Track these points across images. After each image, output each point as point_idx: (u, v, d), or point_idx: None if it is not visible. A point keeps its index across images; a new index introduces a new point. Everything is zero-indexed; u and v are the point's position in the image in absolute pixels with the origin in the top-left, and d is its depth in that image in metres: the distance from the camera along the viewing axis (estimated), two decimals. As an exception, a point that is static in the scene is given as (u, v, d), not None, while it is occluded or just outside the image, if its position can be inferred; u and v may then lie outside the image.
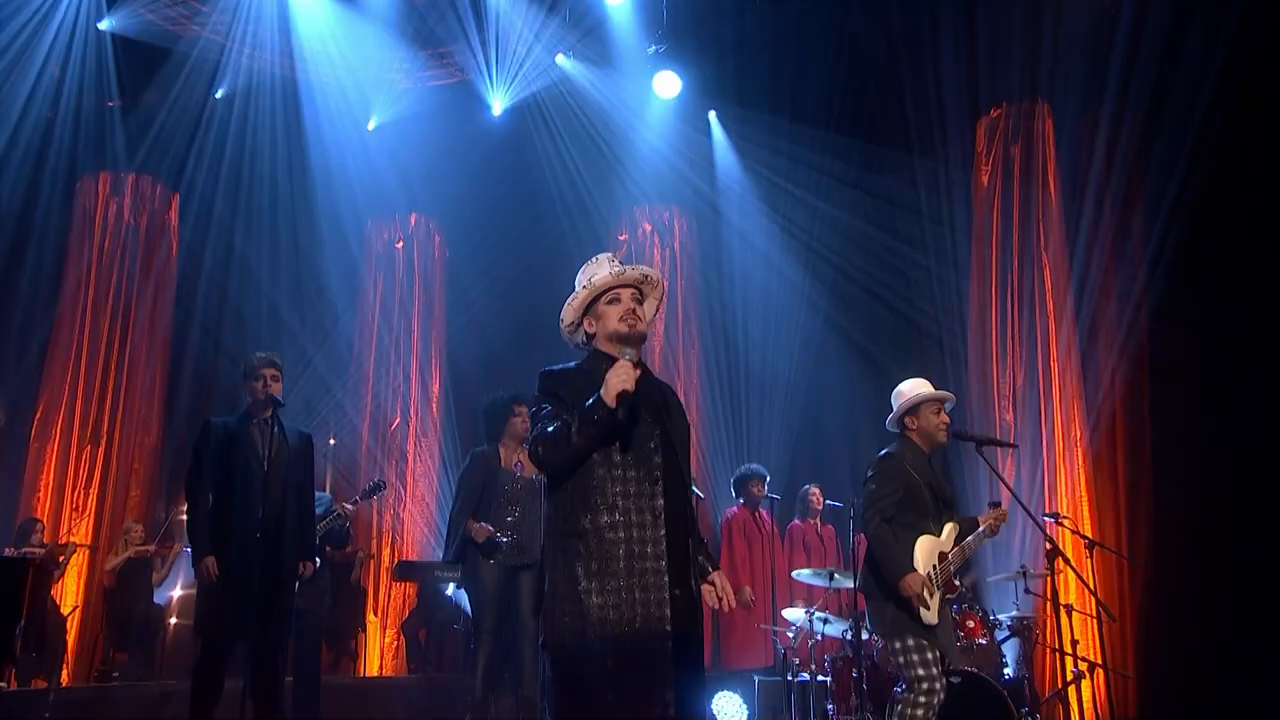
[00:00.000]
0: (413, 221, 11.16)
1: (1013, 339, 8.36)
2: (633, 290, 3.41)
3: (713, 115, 10.76)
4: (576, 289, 3.46)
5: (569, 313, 3.47)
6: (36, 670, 7.58)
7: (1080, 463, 7.89)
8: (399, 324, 10.89)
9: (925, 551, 4.68)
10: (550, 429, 3.15)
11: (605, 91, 10.28)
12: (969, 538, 4.78)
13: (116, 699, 7.59)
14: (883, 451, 5.02)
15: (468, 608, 9.35)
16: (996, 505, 4.84)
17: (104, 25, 8.83)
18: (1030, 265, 8.37)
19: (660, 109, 10.41)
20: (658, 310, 3.58)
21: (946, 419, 4.99)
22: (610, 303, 3.39)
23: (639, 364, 3.21)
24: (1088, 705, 5.67)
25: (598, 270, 3.44)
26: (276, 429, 5.28)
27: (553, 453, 3.13)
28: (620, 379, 3.07)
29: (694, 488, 3.68)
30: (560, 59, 10.07)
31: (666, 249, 10.71)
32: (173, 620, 9.45)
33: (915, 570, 4.59)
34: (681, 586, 3.15)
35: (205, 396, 10.28)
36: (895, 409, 5.01)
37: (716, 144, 10.79)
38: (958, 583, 4.81)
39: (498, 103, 10.26)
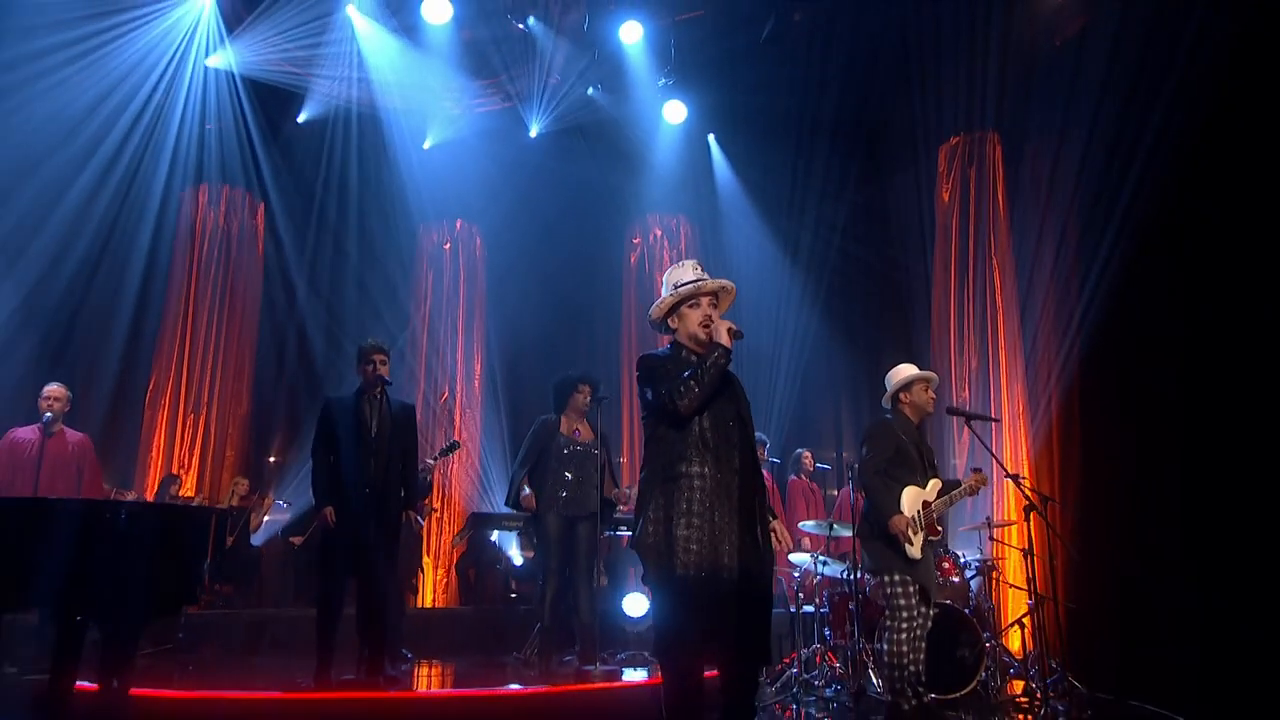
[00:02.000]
0: (458, 226, 11.22)
1: (968, 329, 8.49)
2: (710, 297, 3.51)
3: (711, 138, 10.87)
4: (664, 290, 3.57)
5: (657, 311, 3.56)
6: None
7: (1023, 433, 8.04)
8: (446, 313, 10.99)
9: (910, 499, 4.84)
10: (678, 383, 3.30)
11: (623, 117, 10.34)
12: (953, 491, 4.95)
13: (226, 624, 7.77)
14: (877, 419, 5.23)
15: (508, 552, 9.59)
16: (978, 471, 5.00)
17: (209, 62, 8.88)
18: (982, 268, 8.48)
19: (669, 132, 10.49)
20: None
21: (933, 395, 5.21)
22: (692, 307, 3.50)
23: (737, 334, 3.41)
24: (1039, 629, 5.90)
25: (682, 275, 3.53)
26: (384, 403, 5.37)
27: (687, 394, 3.27)
28: (725, 324, 3.38)
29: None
30: (590, 92, 10.15)
31: (674, 250, 10.81)
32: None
33: (901, 513, 4.78)
34: (749, 533, 3.28)
35: (285, 374, 10.41)
36: (891, 386, 5.15)
37: (715, 162, 10.91)
38: (940, 528, 4.98)
39: (534, 126, 10.35)
